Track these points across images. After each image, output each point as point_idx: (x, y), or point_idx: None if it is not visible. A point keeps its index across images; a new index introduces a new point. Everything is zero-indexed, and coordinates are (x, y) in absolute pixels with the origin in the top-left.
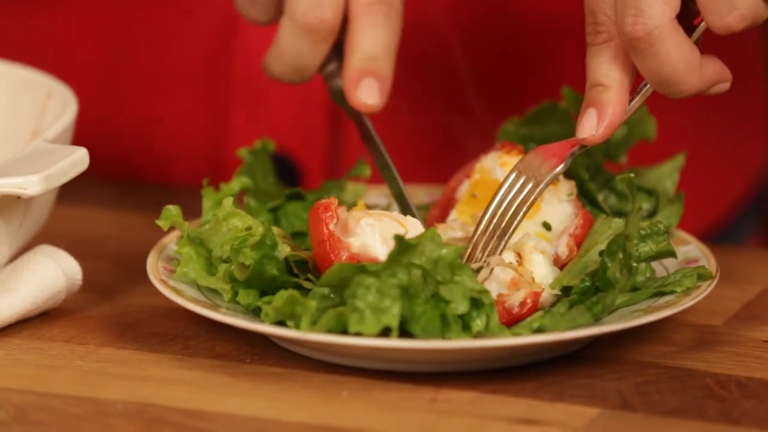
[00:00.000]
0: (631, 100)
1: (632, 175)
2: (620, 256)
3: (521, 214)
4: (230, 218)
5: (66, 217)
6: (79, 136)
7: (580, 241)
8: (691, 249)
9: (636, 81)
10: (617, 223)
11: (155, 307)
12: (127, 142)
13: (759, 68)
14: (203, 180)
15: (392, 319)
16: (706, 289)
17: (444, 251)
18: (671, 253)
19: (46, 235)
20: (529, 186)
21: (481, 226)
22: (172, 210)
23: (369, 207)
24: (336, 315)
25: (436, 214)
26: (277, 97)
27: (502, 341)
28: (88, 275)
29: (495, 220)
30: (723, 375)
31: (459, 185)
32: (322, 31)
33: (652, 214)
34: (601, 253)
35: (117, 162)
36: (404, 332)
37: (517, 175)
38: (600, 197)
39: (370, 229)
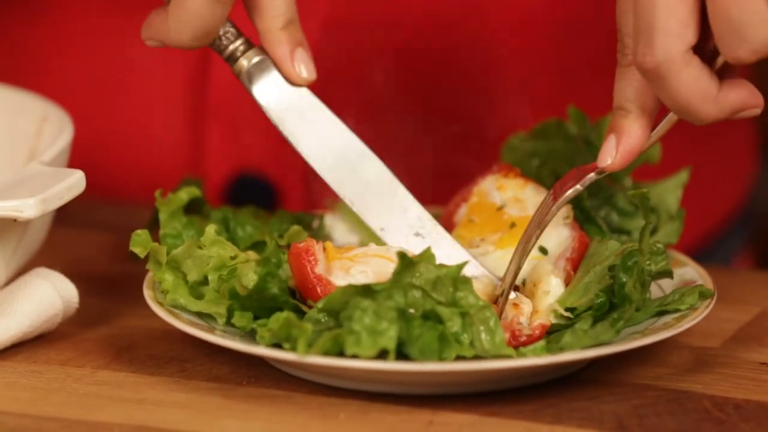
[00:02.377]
0: (655, 126)
1: (646, 190)
2: (636, 271)
3: (535, 236)
4: (212, 246)
5: (62, 239)
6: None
7: (576, 264)
8: (687, 271)
9: (663, 108)
10: (613, 244)
11: (151, 329)
12: (116, 163)
13: None
14: (156, 192)
15: (389, 342)
16: (703, 311)
17: (445, 269)
18: (668, 274)
19: (42, 258)
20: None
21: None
22: (141, 235)
23: (338, 245)
24: (332, 337)
25: None
26: (254, 118)
27: (500, 363)
28: (85, 298)
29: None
30: (720, 397)
31: (457, 209)
32: None
33: (653, 231)
34: (611, 269)
35: (110, 183)
36: (401, 355)
37: (547, 196)
38: (601, 214)
39: (363, 276)
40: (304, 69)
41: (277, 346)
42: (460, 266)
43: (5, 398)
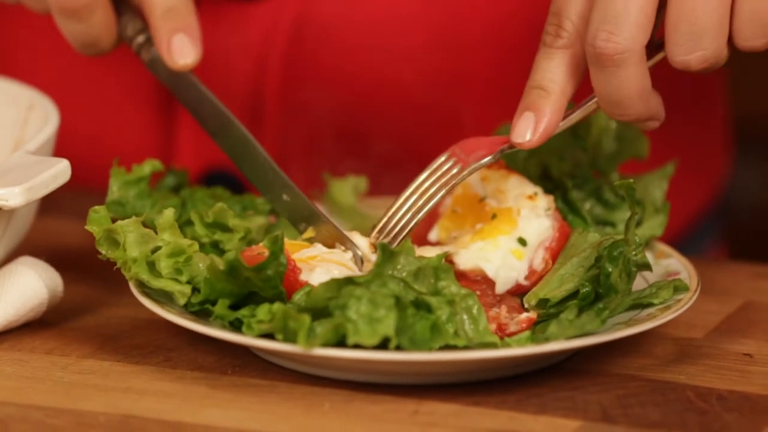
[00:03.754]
0: (571, 113)
1: (632, 180)
2: (621, 261)
3: (439, 196)
4: (164, 232)
5: (47, 228)
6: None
7: (555, 254)
8: (672, 262)
9: (577, 95)
10: (593, 236)
11: (137, 318)
12: (88, 156)
13: (717, 83)
14: (113, 159)
15: (389, 329)
16: (687, 302)
17: (426, 260)
18: (647, 266)
19: (28, 247)
20: (455, 170)
21: (399, 201)
22: (100, 211)
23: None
24: (333, 328)
25: (419, 229)
26: None
27: (485, 353)
28: (70, 287)
29: (414, 198)
30: (704, 388)
31: (442, 200)
32: (82, 9)
33: (637, 224)
34: (598, 259)
35: (95, 172)
36: (385, 345)
37: (446, 158)
38: (586, 206)
39: (329, 277)
40: (182, 55)
41: (264, 336)
42: (441, 256)
43: None
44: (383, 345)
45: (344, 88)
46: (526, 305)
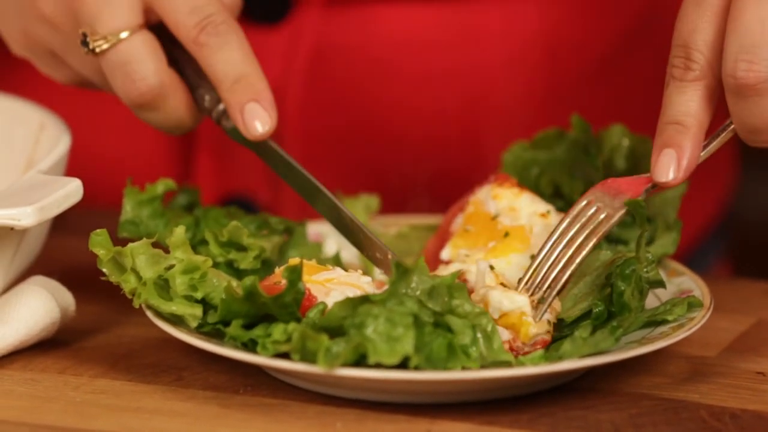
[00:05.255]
0: (707, 143)
1: (640, 198)
2: (634, 278)
3: (591, 245)
4: (177, 249)
5: (59, 247)
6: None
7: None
8: (684, 280)
9: (712, 126)
10: (605, 255)
11: (149, 338)
12: (108, 179)
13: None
14: (127, 178)
15: (408, 348)
16: (700, 320)
17: (439, 278)
18: (661, 284)
19: (40, 266)
20: (602, 216)
21: (544, 251)
22: (100, 234)
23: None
24: (353, 347)
25: (431, 248)
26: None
27: (498, 373)
28: (82, 306)
29: (560, 248)
30: (717, 407)
31: (454, 219)
32: (154, 99)
33: (649, 242)
34: (608, 277)
35: (110, 192)
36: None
37: (587, 203)
38: None
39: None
40: (257, 125)
41: (278, 355)
42: (455, 274)
43: (2, 406)
44: (398, 364)
45: (363, 112)
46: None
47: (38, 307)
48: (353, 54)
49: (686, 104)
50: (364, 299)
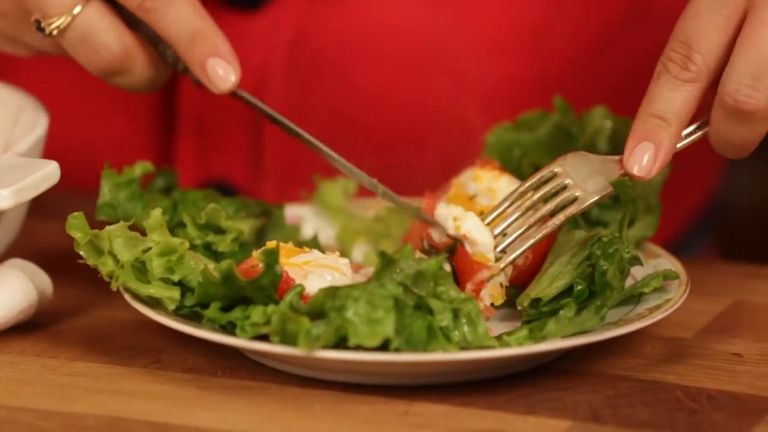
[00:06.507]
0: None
1: (626, 177)
2: (616, 258)
3: (558, 222)
4: (153, 231)
5: (37, 230)
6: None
7: (540, 253)
8: (661, 262)
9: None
10: (579, 234)
11: (126, 320)
12: (87, 163)
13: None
14: (105, 161)
15: (388, 330)
16: (677, 301)
17: (425, 264)
18: (637, 260)
19: (17, 249)
20: (576, 194)
21: (510, 200)
22: (78, 218)
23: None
24: (334, 329)
25: (415, 230)
26: (223, 126)
27: (475, 354)
28: (59, 288)
29: (526, 207)
30: (693, 388)
31: (437, 201)
32: (121, 65)
33: (630, 224)
34: (590, 257)
35: (89, 175)
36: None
37: (559, 173)
38: None
39: (322, 282)
40: (221, 80)
41: (256, 337)
42: (440, 261)
43: None
44: (378, 346)
45: (346, 99)
46: (519, 307)
47: (15, 289)
48: (336, 40)
49: (674, 102)
50: (350, 286)
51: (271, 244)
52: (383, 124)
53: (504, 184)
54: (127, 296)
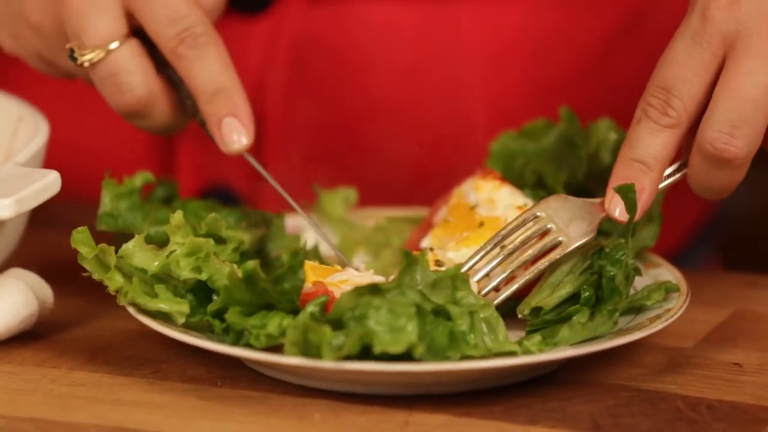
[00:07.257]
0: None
1: (631, 183)
2: (623, 264)
3: (541, 267)
4: (176, 233)
5: (38, 240)
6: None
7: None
8: (662, 272)
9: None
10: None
11: (127, 330)
12: (88, 171)
13: None
14: (105, 172)
15: (412, 337)
16: (677, 311)
17: (443, 271)
18: (637, 270)
19: (18, 259)
20: (559, 239)
21: (492, 244)
22: (82, 232)
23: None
24: (357, 338)
25: (415, 239)
26: None
27: (476, 364)
28: (60, 298)
29: (508, 252)
30: (693, 398)
31: (437, 211)
32: (143, 109)
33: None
34: (592, 266)
35: (84, 189)
36: (373, 355)
37: (542, 217)
38: None
39: None
40: (233, 141)
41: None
42: (458, 266)
43: None
44: (376, 357)
45: (345, 104)
46: (519, 315)
47: (16, 299)
48: (336, 46)
49: (655, 147)
50: (374, 288)
51: (310, 263)
52: (383, 128)
53: (504, 195)
54: (128, 307)
